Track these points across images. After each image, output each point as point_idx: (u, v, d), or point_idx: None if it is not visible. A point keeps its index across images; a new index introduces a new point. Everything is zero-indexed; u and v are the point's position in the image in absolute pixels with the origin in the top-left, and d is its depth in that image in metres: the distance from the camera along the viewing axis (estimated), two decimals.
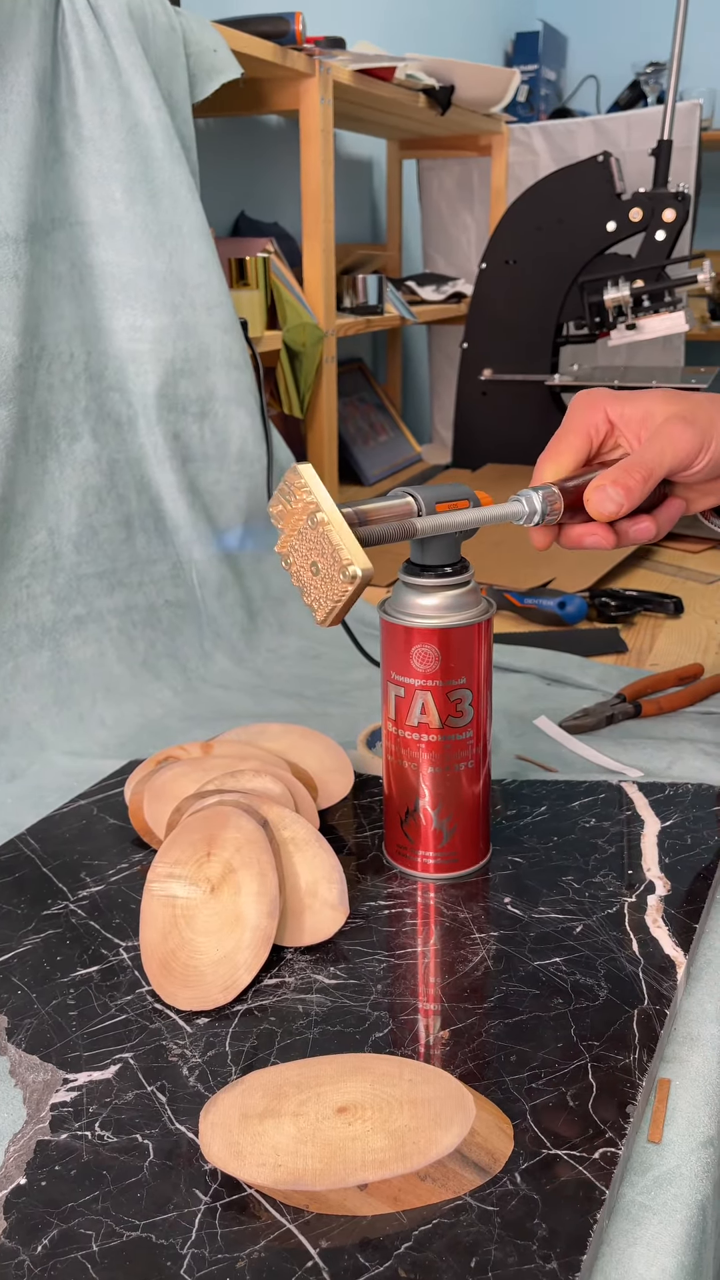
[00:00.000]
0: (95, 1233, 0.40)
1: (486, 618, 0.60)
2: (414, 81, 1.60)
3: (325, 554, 0.51)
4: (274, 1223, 0.40)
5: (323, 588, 0.52)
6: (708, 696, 0.89)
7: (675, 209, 1.56)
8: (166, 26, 0.99)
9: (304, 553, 0.52)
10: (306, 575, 0.53)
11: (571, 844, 0.66)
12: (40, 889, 0.64)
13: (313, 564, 0.52)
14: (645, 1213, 0.42)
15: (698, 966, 0.56)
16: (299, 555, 0.53)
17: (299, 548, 0.53)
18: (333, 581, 0.51)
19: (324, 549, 0.51)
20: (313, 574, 0.52)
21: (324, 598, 0.52)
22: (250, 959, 0.54)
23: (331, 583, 0.51)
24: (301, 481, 0.52)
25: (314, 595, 0.52)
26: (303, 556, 0.53)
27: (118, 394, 0.98)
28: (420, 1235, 0.40)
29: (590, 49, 3.02)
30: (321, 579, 0.52)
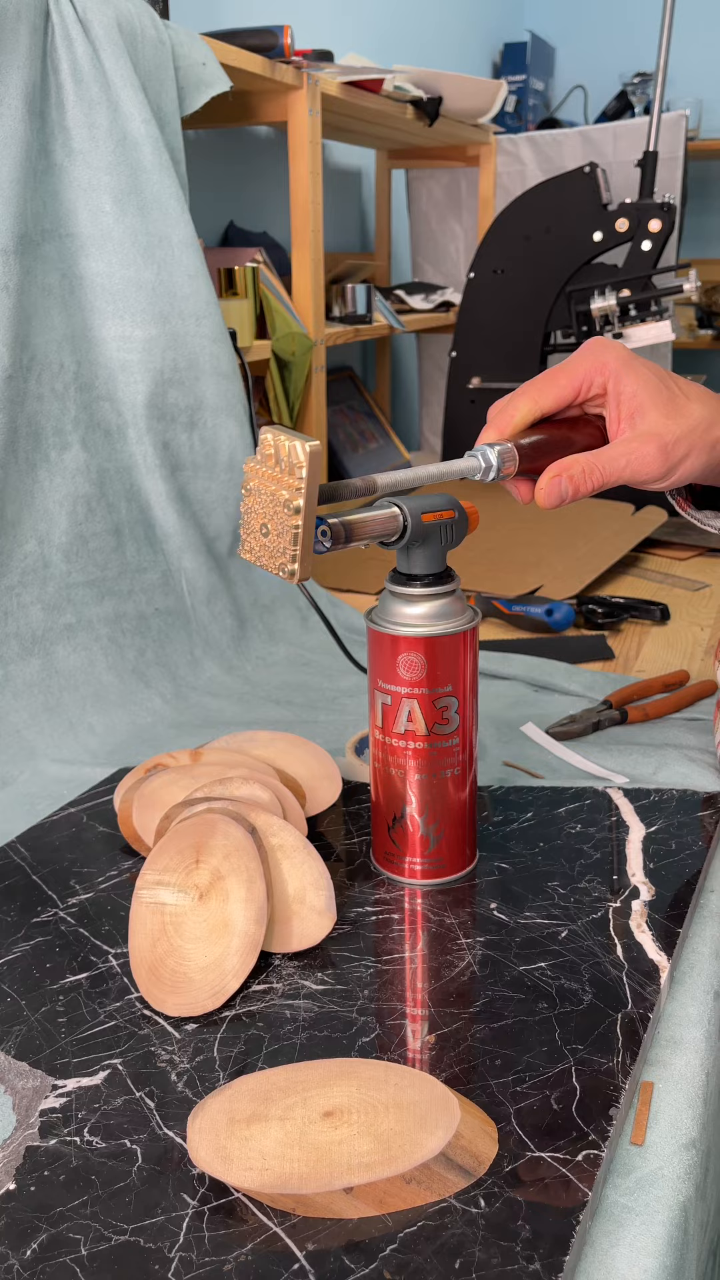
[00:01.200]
0: (84, 1237, 0.41)
1: (472, 626, 0.60)
2: (402, 93, 1.61)
3: (282, 537, 0.53)
4: (261, 1226, 0.41)
5: (265, 554, 0.54)
6: (693, 703, 0.90)
7: (661, 219, 1.57)
8: (155, 40, 1.00)
9: (262, 512, 0.54)
10: (255, 528, 0.54)
11: (557, 850, 0.67)
12: (30, 896, 0.64)
13: (263, 526, 0.54)
14: (628, 1214, 0.43)
15: (681, 971, 0.57)
16: (259, 506, 0.54)
17: (260, 505, 0.54)
18: (275, 556, 0.53)
19: (283, 532, 0.53)
20: (261, 534, 0.54)
21: (261, 558, 0.54)
22: (238, 965, 0.55)
23: (274, 556, 0.53)
24: (300, 464, 0.52)
25: (252, 546, 0.55)
26: (260, 512, 0.54)
27: (107, 403, 0.99)
28: (405, 1237, 0.40)
29: (578, 59, 3.05)
30: (268, 548, 0.54)
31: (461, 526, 0.59)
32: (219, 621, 1.07)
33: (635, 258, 1.61)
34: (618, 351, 0.61)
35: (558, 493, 0.59)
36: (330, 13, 1.96)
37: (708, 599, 1.21)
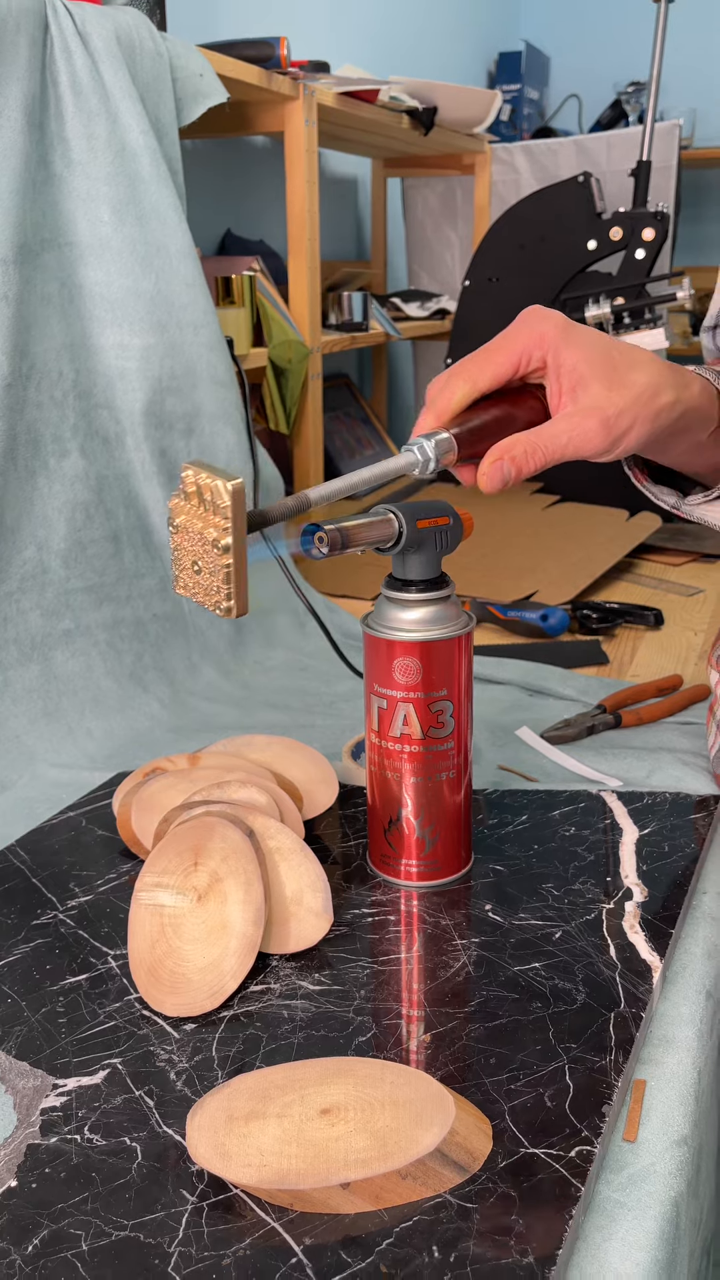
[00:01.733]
0: (85, 1233, 0.41)
1: (467, 631, 0.61)
2: (397, 103, 1.62)
3: (214, 576, 0.51)
4: (259, 1221, 0.42)
5: (200, 591, 0.52)
6: (687, 707, 0.91)
7: (655, 228, 1.59)
8: (153, 52, 1.01)
9: (192, 550, 0.52)
10: (187, 565, 0.52)
11: (552, 852, 0.67)
12: (30, 899, 0.65)
13: (194, 564, 0.52)
14: (620, 1209, 0.44)
15: (673, 971, 0.58)
16: (188, 544, 0.52)
17: (189, 543, 0.52)
18: (211, 594, 0.52)
19: (214, 571, 0.51)
20: (194, 572, 0.52)
21: (197, 594, 0.52)
22: (236, 966, 0.55)
23: (209, 594, 0.52)
24: (225, 505, 0.50)
25: (186, 582, 0.53)
26: (190, 550, 0.52)
27: (106, 411, 1.00)
28: (401, 1232, 0.41)
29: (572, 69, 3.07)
30: (202, 585, 0.52)
31: (456, 532, 0.60)
32: (216, 627, 1.07)
33: (629, 266, 1.62)
34: (556, 321, 0.58)
35: (500, 476, 0.57)
36: (326, 24, 1.98)
37: (701, 604, 1.22)
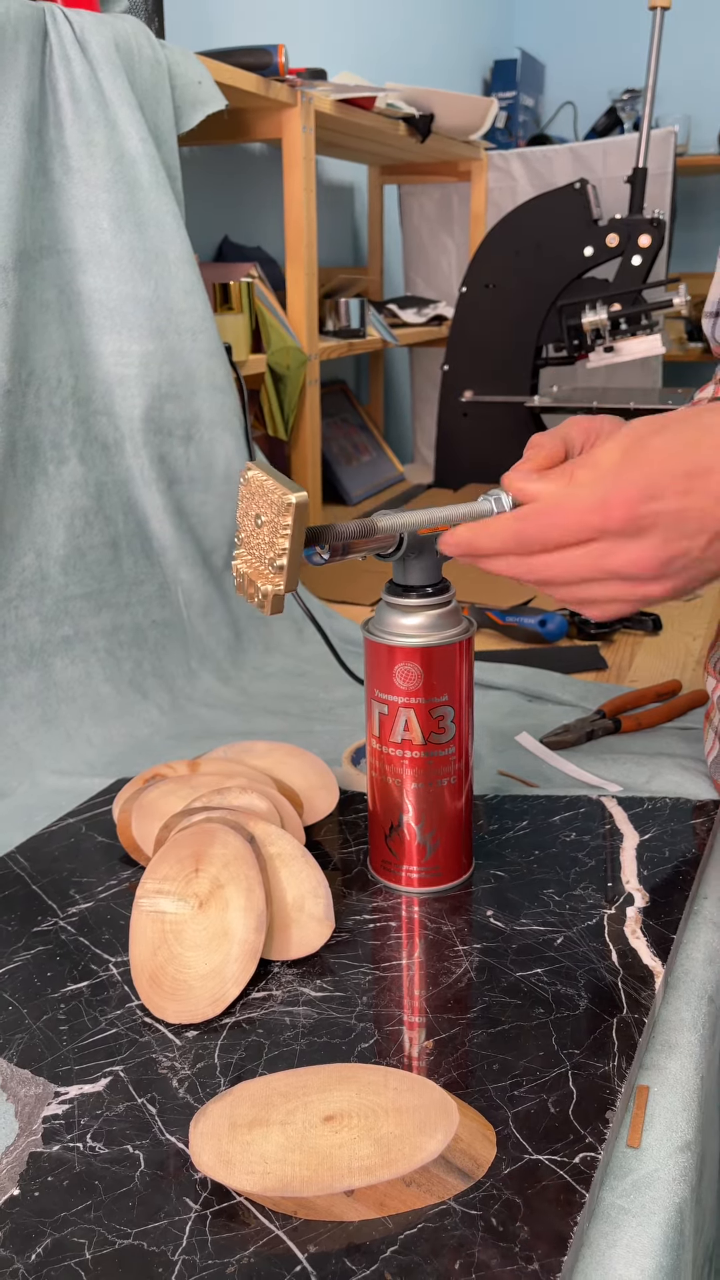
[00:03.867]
0: (88, 1241, 0.41)
1: (468, 636, 0.61)
2: (394, 110, 1.63)
3: (266, 499, 0.52)
4: (263, 1229, 0.41)
5: (267, 536, 0.53)
6: (686, 712, 0.91)
7: (651, 234, 1.59)
8: (152, 59, 1.01)
9: (252, 515, 0.53)
10: (249, 526, 0.54)
11: (552, 858, 0.67)
12: (30, 906, 0.64)
13: (256, 516, 0.53)
14: (624, 1215, 0.43)
15: (675, 976, 0.58)
16: (251, 539, 0.54)
17: (253, 541, 0.54)
18: (276, 521, 0.52)
19: (264, 495, 0.52)
20: (255, 525, 0.53)
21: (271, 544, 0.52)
22: (238, 973, 0.55)
23: (275, 523, 0.52)
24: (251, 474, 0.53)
25: (260, 550, 0.53)
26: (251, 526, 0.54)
27: (105, 418, 1.00)
28: (406, 1239, 0.41)
29: (568, 76, 3.08)
30: (265, 528, 0.52)
31: None
32: (215, 633, 1.07)
33: (625, 272, 1.63)
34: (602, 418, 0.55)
35: None
36: (323, 32, 1.98)
37: (699, 610, 1.22)
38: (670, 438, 0.48)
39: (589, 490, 0.48)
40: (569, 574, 0.50)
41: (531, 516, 0.49)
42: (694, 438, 0.47)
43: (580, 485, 0.49)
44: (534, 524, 0.49)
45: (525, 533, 0.49)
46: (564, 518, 0.48)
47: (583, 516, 0.48)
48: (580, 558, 0.49)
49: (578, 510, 0.48)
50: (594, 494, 0.48)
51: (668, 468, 0.46)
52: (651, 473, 0.46)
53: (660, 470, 0.46)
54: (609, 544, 0.48)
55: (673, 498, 0.46)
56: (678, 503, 0.46)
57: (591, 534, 0.48)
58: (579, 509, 0.48)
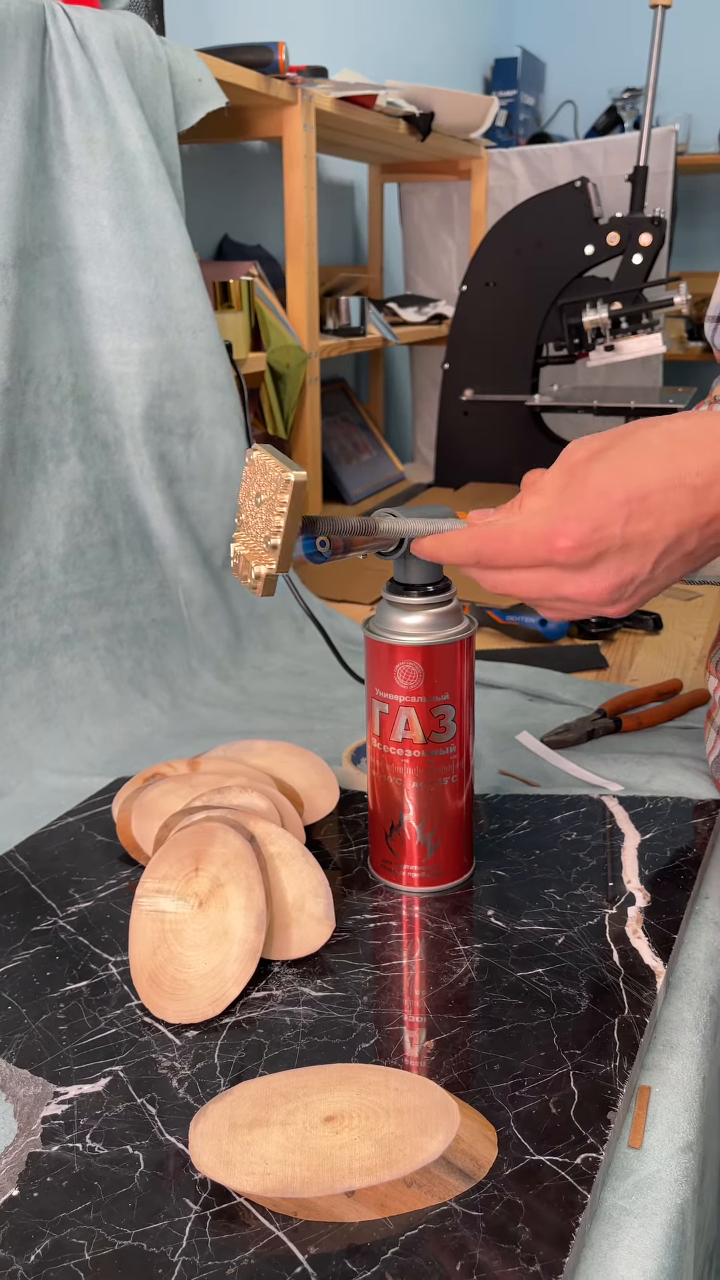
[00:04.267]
0: (87, 1242, 0.41)
1: (469, 635, 0.61)
2: (395, 109, 1.62)
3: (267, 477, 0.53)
4: (263, 1230, 0.41)
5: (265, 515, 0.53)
6: (686, 711, 0.91)
7: (651, 233, 1.59)
8: (152, 56, 1.01)
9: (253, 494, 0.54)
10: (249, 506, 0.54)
11: (553, 857, 0.67)
12: (29, 905, 0.64)
13: (256, 495, 0.53)
14: (626, 1216, 0.43)
15: (677, 976, 0.58)
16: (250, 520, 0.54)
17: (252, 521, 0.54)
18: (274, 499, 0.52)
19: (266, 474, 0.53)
20: (255, 504, 0.54)
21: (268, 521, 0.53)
22: (238, 972, 0.55)
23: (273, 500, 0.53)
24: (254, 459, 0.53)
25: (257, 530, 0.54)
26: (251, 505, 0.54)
27: (105, 416, 1.00)
28: (407, 1240, 0.41)
29: (568, 75, 3.07)
30: (264, 507, 0.53)
31: None
32: (215, 632, 1.07)
33: (626, 271, 1.63)
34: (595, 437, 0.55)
35: None
36: (324, 29, 1.98)
37: (700, 609, 1.22)
38: (609, 464, 0.49)
39: (536, 520, 0.49)
40: (523, 592, 0.52)
41: (483, 539, 0.51)
42: (632, 461, 0.48)
43: (527, 514, 0.50)
44: (486, 546, 0.51)
45: (480, 553, 0.51)
46: (511, 545, 0.50)
47: (530, 546, 0.49)
48: (532, 580, 0.51)
49: (525, 539, 0.50)
50: (539, 525, 0.49)
51: (608, 497, 0.48)
52: (592, 505, 0.48)
53: (600, 501, 0.48)
54: (559, 573, 0.50)
55: (615, 526, 0.48)
56: (620, 530, 0.48)
57: (539, 562, 0.50)
58: (525, 538, 0.50)
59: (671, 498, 0.47)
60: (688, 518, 0.48)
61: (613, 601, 0.50)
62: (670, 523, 0.48)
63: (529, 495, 0.51)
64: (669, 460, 0.48)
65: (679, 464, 0.48)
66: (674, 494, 0.47)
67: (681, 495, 0.47)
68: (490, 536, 0.51)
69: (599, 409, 1.69)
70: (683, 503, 0.47)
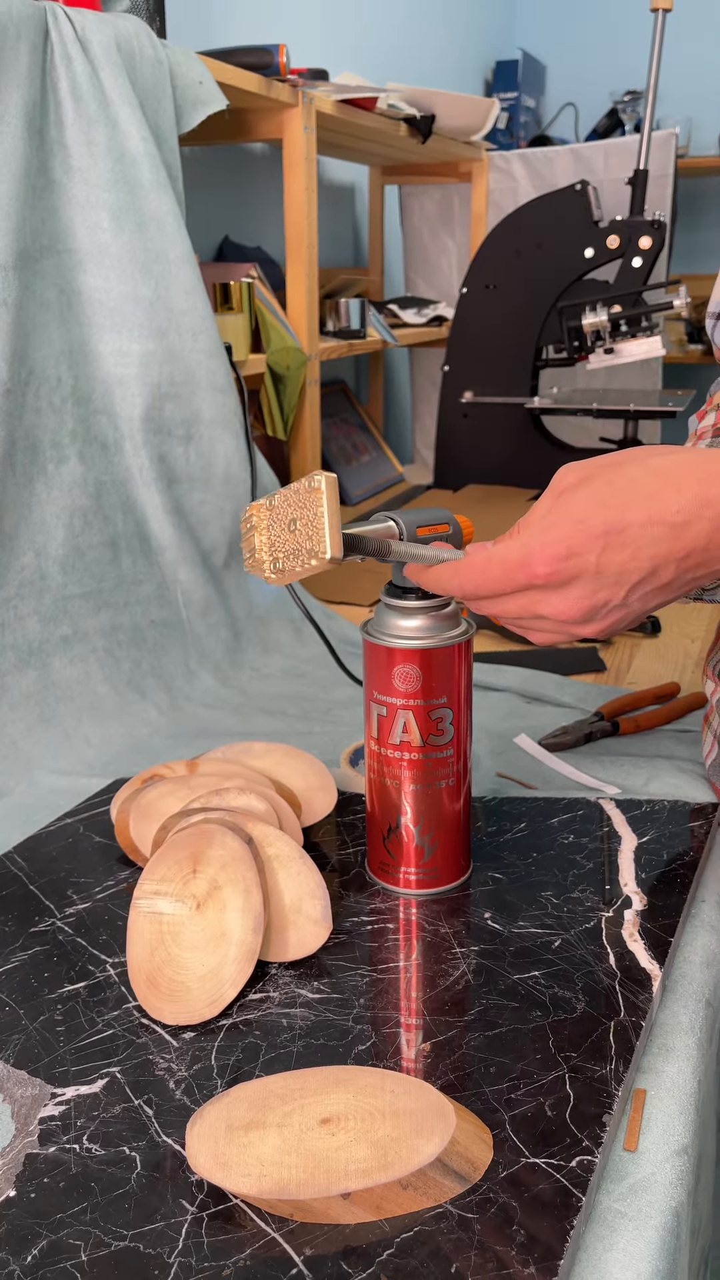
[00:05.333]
0: (84, 1243, 0.41)
1: (467, 638, 0.61)
2: (395, 111, 1.63)
3: (310, 522, 0.54)
4: (259, 1231, 0.41)
5: (296, 546, 0.54)
6: (684, 715, 0.91)
7: (651, 236, 1.59)
8: (153, 59, 1.01)
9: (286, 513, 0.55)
10: (281, 531, 0.55)
11: (550, 860, 0.67)
12: (27, 906, 0.64)
13: (292, 520, 0.54)
14: (621, 1219, 0.43)
15: (673, 979, 0.58)
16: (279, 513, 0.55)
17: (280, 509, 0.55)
18: (308, 544, 0.54)
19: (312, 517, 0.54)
20: (289, 530, 0.55)
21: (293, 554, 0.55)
22: (235, 974, 0.55)
23: (306, 544, 0.54)
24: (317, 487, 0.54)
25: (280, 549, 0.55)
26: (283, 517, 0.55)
27: (104, 417, 1.00)
28: (402, 1242, 0.41)
29: (569, 77, 3.08)
30: (298, 536, 0.54)
31: (456, 539, 0.60)
32: (214, 633, 1.07)
33: (626, 274, 1.63)
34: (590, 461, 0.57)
35: None
36: (325, 32, 1.98)
37: (697, 612, 1.22)
38: (592, 493, 0.50)
39: (513, 547, 0.52)
40: (507, 615, 0.54)
41: (465, 572, 0.54)
42: (615, 494, 0.50)
43: (511, 539, 0.53)
44: (469, 580, 0.54)
45: (464, 586, 0.54)
46: (490, 576, 0.52)
47: (509, 573, 0.52)
48: (513, 603, 0.53)
49: (503, 567, 0.52)
50: (516, 552, 0.51)
51: (586, 527, 0.50)
52: (569, 532, 0.50)
53: (577, 529, 0.50)
54: (537, 594, 0.52)
55: (590, 555, 0.50)
56: (595, 559, 0.50)
57: (518, 586, 0.52)
58: (504, 566, 0.52)
59: (649, 533, 0.49)
60: (663, 550, 0.49)
61: (586, 621, 0.52)
62: (646, 555, 0.50)
63: (522, 523, 0.54)
64: (651, 498, 0.49)
65: (660, 502, 0.49)
66: (652, 529, 0.49)
67: (660, 531, 0.49)
68: (471, 569, 0.53)
69: (598, 411, 1.69)
70: (660, 537, 0.49)
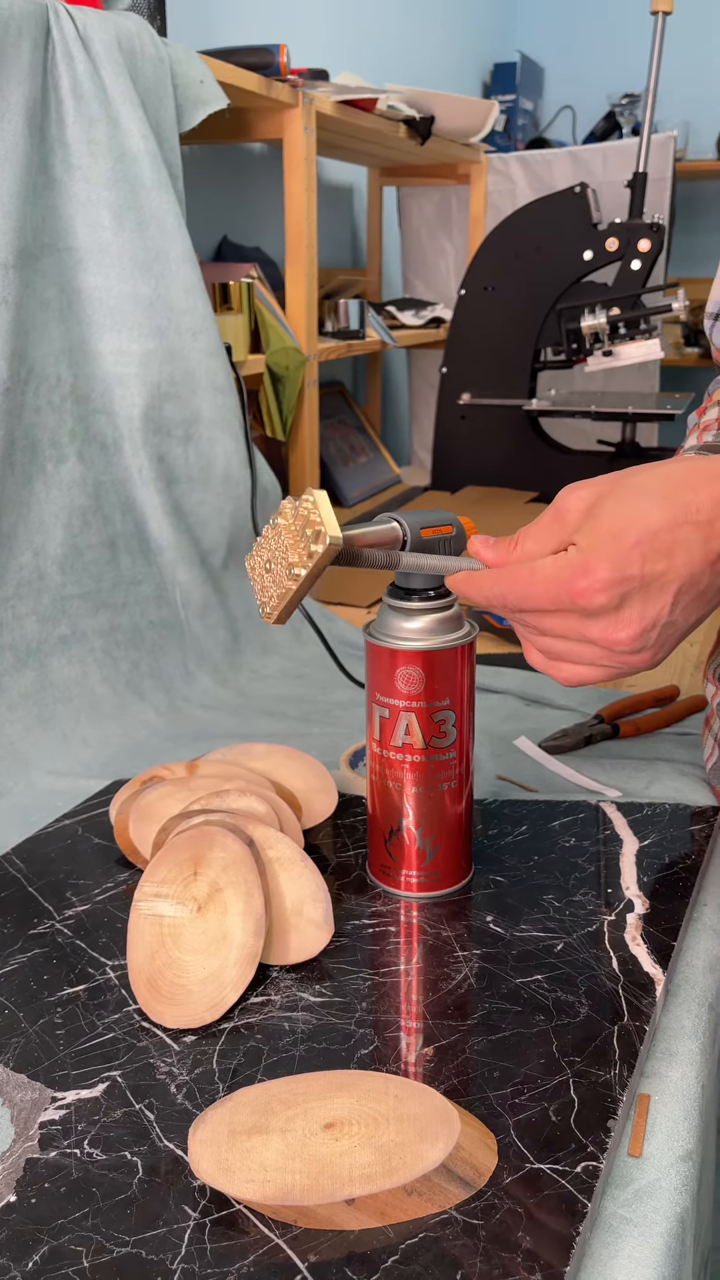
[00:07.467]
0: (86, 1249, 0.41)
1: (470, 640, 0.61)
2: (395, 112, 1.62)
3: (276, 585, 0.54)
4: (262, 1238, 0.41)
5: (258, 581, 0.55)
6: (684, 718, 0.91)
7: (650, 239, 1.59)
8: (154, 57, 1.01)
9: (271, 552, 0.55)
10: (263, 557, 0.55)
11: (552, 863, 0.67)
12: (26, 908, 0.64)
13: (268, 562, 0.55)
14: (626, 1225, 0.43)
15: (676, 983, 0.58)
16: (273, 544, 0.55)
17: (274, 545, 0.55)
18: (263, 591, 0.55)
19: (278, 582, 0.54)
20: (264, 567, 0.55)
21: (256, 580, 0.55)
22: (237, 977, 0.55)
23: (263, 590, 0.55)
24: (317, 551, 0.52)
25: (255, 565, 0.56)
26: (270, 550, 0.55)
27: (104, 417, 0.99)
28: (407, 1249, 0.40)
29: (567, 80, 3.08)
30: (262, 581, 0.55)
31: (459, 541, 0.60)
32: (213, 634, 1.07)
33: (625, 277, 1.63)
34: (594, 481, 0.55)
35: None
36: (325, 33, 1.98)
37: None
38: (611, 509, 0.49)
39: (559, 563, 0.50)
40: (549, 632, 0.52)
41: (509, 582, 0.52)
42: (634, 504, 0.49)
43: (550, 556, 0.51)
44: (511, 591, 0.51)
45: (505, 596, 0.52)
46: (534, 588, 0.50)
47: (553, 589, 0.49)
48: (555, 623, 0.51)
49: (547, 582, 0.50)
50: (562, 568, 0.49)
51: (621, 540, 0.48)
52: (610, 548, 0.48)
53: (614, 544, 0.48)
54: (582, 619, 0.50)
55: (634, 567, 0.48)
56: (639, 570, 0.48)
57: (561, 605, 0.50)
58: (548, 582, 0.49)
59: (680, 535, 0.48)
60: (698, 556, 0.49)
61: (637, 649, 0.50)
62: (682, 561, 0.48)
63: (524, 539, 0.53)
64: (669, 500, 0.49)
65: (680, 502, 0.49)
66: (681, 531, 0.48)
67: (688, 532, 0.48)
68: (515, 581, 0.51)
69: (596, 414, 1.69)
70: (692, 540, 0.48)
